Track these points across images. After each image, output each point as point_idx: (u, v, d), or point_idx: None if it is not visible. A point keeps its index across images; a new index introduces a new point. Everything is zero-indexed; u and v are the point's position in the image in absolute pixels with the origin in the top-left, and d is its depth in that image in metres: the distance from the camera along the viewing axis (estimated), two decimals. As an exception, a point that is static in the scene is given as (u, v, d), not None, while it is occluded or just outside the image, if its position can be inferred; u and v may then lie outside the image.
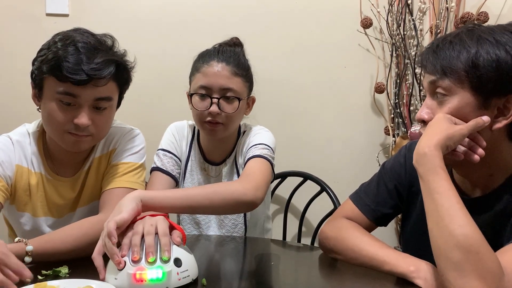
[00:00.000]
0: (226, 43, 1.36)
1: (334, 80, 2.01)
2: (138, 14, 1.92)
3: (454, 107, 0.87)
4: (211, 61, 1.26)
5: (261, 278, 0.90)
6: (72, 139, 1.11)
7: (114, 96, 1.15)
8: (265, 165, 1.22)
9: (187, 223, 1.42)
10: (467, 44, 0.86)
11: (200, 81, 1.26)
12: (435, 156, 0.83)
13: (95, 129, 1.12)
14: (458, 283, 0.75)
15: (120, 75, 1.14)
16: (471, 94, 0.86)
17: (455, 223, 0.78)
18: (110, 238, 0.85)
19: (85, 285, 0.81)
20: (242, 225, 1.40)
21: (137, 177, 1.21)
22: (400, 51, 1.94)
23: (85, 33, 1.11)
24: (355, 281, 0.95)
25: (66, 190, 1.22)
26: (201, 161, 1.39)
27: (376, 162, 1.96)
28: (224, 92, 1.24)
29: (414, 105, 1.95)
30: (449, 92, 0.87)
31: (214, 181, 1.39)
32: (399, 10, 1.92)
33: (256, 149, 1.27)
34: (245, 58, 1.33)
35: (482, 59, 0.84)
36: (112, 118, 1.19)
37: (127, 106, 1.28)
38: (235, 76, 1.25)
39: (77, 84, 1.05)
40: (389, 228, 1.87)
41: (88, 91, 1.07)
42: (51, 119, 1.10)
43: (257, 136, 1.33)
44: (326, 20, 1.99)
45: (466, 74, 0.85)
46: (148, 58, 1.89)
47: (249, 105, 1.36)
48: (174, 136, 1.39)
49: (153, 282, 0.82)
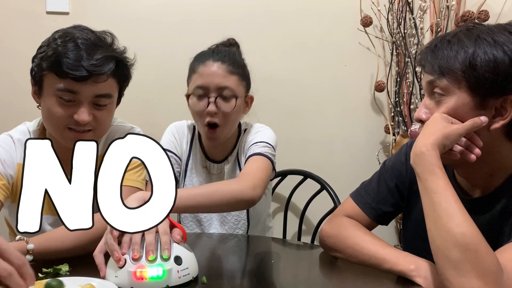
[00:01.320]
0: (222, 43, 1.37)
1: (335, 79, 2.01)
2: (139, 13, 1.92)
3: (451, 107, 0.87)
4: (206, 61, 1.27)
5: (261, 276, 0.90)
6: (72, 135, 1.10)
7: (114, 93, 1.15)
8: (264, 162, 1.23)
9: (189, 221, 1.42)
10: (465, 44, 0.85)
11: (196, 82, 1.26)
12: (432, 156, 0.83)
13: (95, 125, 1.12)
14: (457, 281, 0.76)
15: (120, 72, 1.14)
16: (468, 95, 0.85)
17: (453, 222, 0.78)
18: (112, 231, 0.85)
19: (85, 283, 0.81)
20: (245, 222, 1.40)
21: (137, 175, 1.21)
22: (400, 50, 1.94)
23: (84, 29, 1.11)
24: (355, 279, 0.95)
25: None
26: (203, 159, 1.39)
27: (376, 160, 1.97)
28: (220, 91, 1.25)
29: (415, 103, 1.95)
30: (446, 92, 0.87)
31: (216, 178, 1.39)
32: (400, 9, 1.92)
33: (256, 147, 1.28)
34: (241, 57, 1.34)
35: (479, 59, 0.83)
36: (112, 115, 1.19)
37: (128, 104, 1.28)
38: (230, 74, 1.26)
39: (77, 80, 1.05)
40: (389, 227, 1.87)
41: (88, 87, 1.07)
42: (51, 115, 1.10)
43: (258, 134, 1.34)
44: (326, 18, 1.98)
45: (463, 75, 0.85)
46: (148, 56, 1.89)
47: (247, 104, 1.36)
48: (174, 136, 1.39)
49: (154, 280, 0.82)
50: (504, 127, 0.87)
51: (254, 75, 1.37)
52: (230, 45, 1.37)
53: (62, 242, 0.99)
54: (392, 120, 1.98)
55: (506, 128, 0.88)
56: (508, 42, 0.83)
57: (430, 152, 0.83)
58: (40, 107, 1.14)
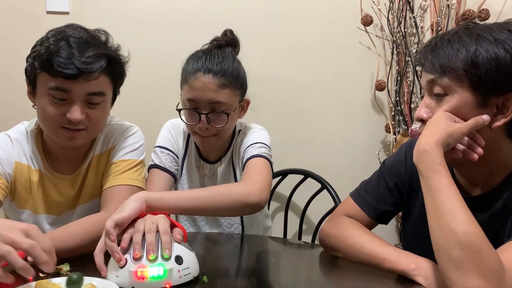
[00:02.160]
0: (217, 42, 1.28)
1: (335, 78, 2.01)
2: (139, 12, 1.92)
3: (453, 105, 0.87)
4: (197, 72, 1.20)
5: (262, 275, 0.90)
6: (66, 134, 1.10)
7: (107, 91, 1.13)
8: (265, 164, 1.21)
9: (184, 220, 1.42)
10: (466, 42, 0.85)
11: (187, 94, 1.22)
12: (436, 154, 0.83)
13: (89, 124, 1.11)
14: (458, 280, 0.75)
15: (113, 69, 1.13)
16: (470, 93, 0.85)
17: (456, 220, 0.78)
18: (108, 236, 0.85)
19: (86, 282, 0.81)
20: (239, 225, 1.39)
21: (137, 174, 1.21)
22: (401, 49, 1.94)
23: (77, 28, 1.11)
24: (355, 279, 0.95)
25: (65, 188, 1.22)
26: (197, 159, 1.37)
27: (377, 159, 1.96)
28: (212, 106, 1.20)
29: (415, 102, 1.95)
30: (448, 91, 0.87)
31: (209, 180, 1.37)
32: (400, 8, 1.92)
33: (253, 148, 1.25)
34: (235, 61, 1.26)
35: (481, 57, 0.83)
36: (106, 114, 1.18)
37: (127, 104, 1.28)
38: (223, 88, 1.20)
39: (68, 78, 1.04)
40: (389, 226, 1.86)
41: (80, 85, 1.06)
42: (44, 115, 1.10)
43: (253, 135, 1.31)
44: (327, 17, 1.98)
45: (465, 73, 0.85)
46: (148, 55, 1.90)
47: (243, 108, 1.33)
48: (171, 133, 1.37)
49: (154, 280, 0.82)
50: (505, 125, 0.87)
51: (254, 74, 1.36)
52: (226, 43, 1.28)
53: (63, 242, 0.99)
54: (392, 119, 1.98)
55: (507, 126, 0.88)
56: (509, 40, 0.83)
57: (434, 150, 0.83)
58: (35, 106, 1.14)
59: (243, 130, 1.36)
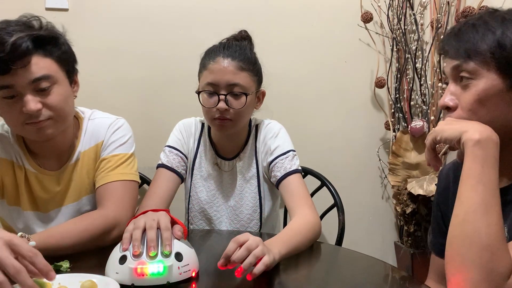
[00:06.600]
0: (233, 37, 1.35)
1: (335, 75, 2.01)
2: (138, 9, 1.91)
3: (480, 90, 0.84)
4: (216, 57, 1.25)
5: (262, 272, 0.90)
6: (33, 128, 1.07)
7: (53, 73, 1.07)
8: (303, 181, 1.30)
9: (199, 219, 1.42)
10: (491, 26, 0.84)
11: (207, 79, 1.25)
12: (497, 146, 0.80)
13: (50, 113, 1.07)
14: (460, 275, 0.75)
15: (49, 48, 1.06)
16: (497, 76, 0.83)
17: (485, 219, 0.76)
18: None
19: (86, 279, 0.81)
20: (258, 221, 1.40)
21: (129, 167, 1.20)
22: (400, 46, 1.94)
23: (3, 22, 1.05)
24: (356, 278, 0.95)
25: (50, 184, 1.19)
26: (214, 156, 1.38)
27: (377, 157, 1.97)
28: (231, 88, 1.24)
29: (415, 99, 1.95)
30: (474, 75, 0.85)
31: (228, 175, 1.38)
32: (400, 5, 1.92)
33: (287, 160, 1.30)
34: (252, 52, 1.32)
35: (508, 39, 0.82)
36: (65, 97, 1.10)
37: (128, 101, 1.28)
38: (241, 71, 1.24)
39: (3, 74, 1.01)
40: (389, 225, 1.87)
41: (19, 76, 1.02)
42: (5, 118, 1.08)
43: (279, 139, 1.34)
44: (327, 14, 1.98)
45: (492, 56, 0.82)
46: (148, 53, 1.89)
47: (259, 99, 1.35)
48: (182, 133, 1.39)
49: (154, 276, 0.82)
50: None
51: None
52: (242, 38, 1.35)
53: (63, 239, 0.99)
54: (392, 117, 1.98)
55: None
56: None
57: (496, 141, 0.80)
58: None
59: (260, 125, 1.38)
